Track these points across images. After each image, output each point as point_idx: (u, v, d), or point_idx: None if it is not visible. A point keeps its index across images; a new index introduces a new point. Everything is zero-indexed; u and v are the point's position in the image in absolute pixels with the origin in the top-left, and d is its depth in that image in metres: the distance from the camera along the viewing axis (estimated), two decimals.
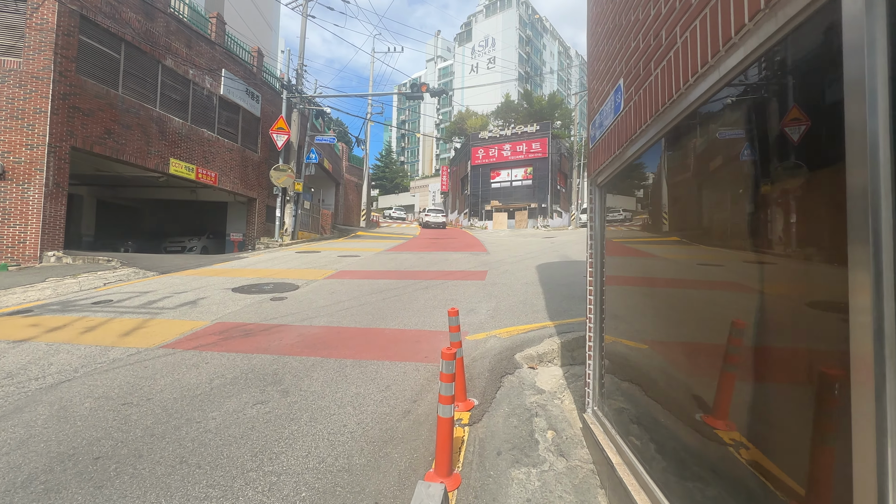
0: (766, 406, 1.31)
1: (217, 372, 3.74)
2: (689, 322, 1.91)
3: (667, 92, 1.56)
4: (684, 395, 2.01)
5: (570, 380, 3.76)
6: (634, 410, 2.57)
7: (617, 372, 2.70)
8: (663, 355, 2.29)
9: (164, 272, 9.22)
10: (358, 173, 33.50)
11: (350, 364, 3.95)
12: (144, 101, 11.76)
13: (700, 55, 1.30)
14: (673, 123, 1.60)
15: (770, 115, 1.15)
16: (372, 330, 5.05)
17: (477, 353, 4.20)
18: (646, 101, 1.79)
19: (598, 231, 2.71)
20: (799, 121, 1.03)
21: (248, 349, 4.34)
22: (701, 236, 1.61)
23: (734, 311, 1.48)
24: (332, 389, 3.41)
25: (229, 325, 5.25)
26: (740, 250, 1.34)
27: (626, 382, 2.77)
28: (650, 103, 1.74)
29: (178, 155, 12.81)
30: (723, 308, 1.59)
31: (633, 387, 2.66)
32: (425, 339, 4.67)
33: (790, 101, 1.08)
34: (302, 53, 17.35)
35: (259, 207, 16.98)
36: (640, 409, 2.49)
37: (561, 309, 5.87)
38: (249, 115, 16.38)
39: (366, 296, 6.88)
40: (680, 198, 1.73)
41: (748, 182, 1.24)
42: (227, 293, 7.05)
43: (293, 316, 5.66)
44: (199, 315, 5.68)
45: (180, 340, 4.61)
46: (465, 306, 6.15)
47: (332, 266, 10.10)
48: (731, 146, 1.32)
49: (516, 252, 13.03)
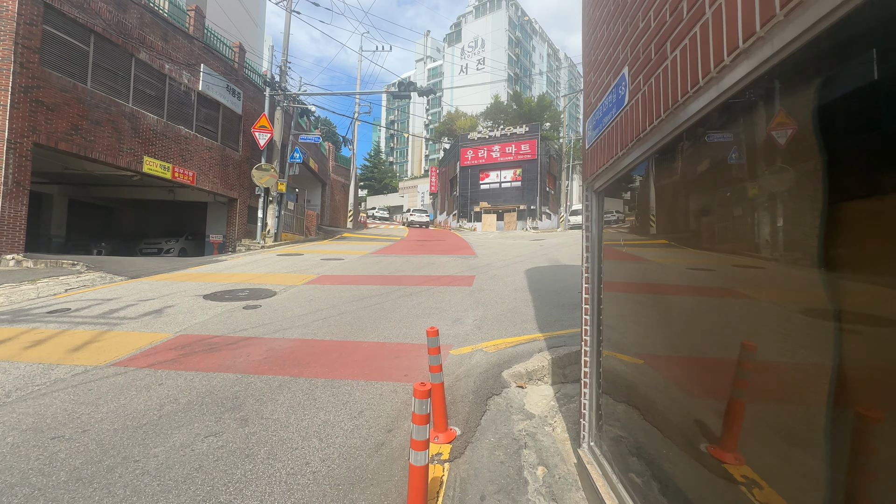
0: (780, 437, 1.10)
1: (170, 395, 3.34)
2: (691, 334, 1.66)
3: (689, 78, 1.25)
4: (687, 420, 1.75)
5: (561, 401, 3.45)
6: (633, 439, 2.27)
7: (612, 392, 2.40)
8: (662, 372, 2.03)
9: (134, 277, 8.71)
10: (345, 173, 32.94)
11: (321, 384, 3.58)
12: (116, 95, 11.17)
13: (742, 25, 0.99)
14: (695, 119, 1.29)
15: (850, 108, 0.84)
16: (349, 343, 4.69)
17: (461, 371, 3.87)
18: (658, 92, 1.48)
19: (595, 242, 2.40)
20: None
21: (209, 367, 3.94)
22: (729, 247, 1.31)
23: (745, 323, 1.25)
24: (298, 416, 3.04)
25: (193, 337, 4.83)
26: (781, 261, 1.04)
27: (622, 405, 2.46)
28: (664, 94, 1.43)
29: (152, 153, 12.23)
30: (730, 319, 1.35)
31: (630, 410, 2.36)
32: (406, 354, 4.32)
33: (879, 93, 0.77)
34: (286, 50, 16.85)
35: (240, 208, 16.42)
36: (639, 438, 2.20)
37: (551, 318, 5.57)
38: (230, 113, 15.82)
39: (346, 303, 6.50)
40: (705, 208, 1.42)
41: (816, 192, 0.93)
42: (198, 300, 6.60)
43: (265, 327, 5.26)
44: (163, 326, 5.24)
45: (135, 357, 4.19)
46: (451, 315, 5.82)
47: (313, 270, 9.68)
48: (793, 146, 1.00)
49: (505, 255, 12.75)
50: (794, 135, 0.99)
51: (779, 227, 1.07)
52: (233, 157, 16.01)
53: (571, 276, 8.88)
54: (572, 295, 6.95)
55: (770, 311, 1.14)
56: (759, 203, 1.14)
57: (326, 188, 29.23)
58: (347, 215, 30.90)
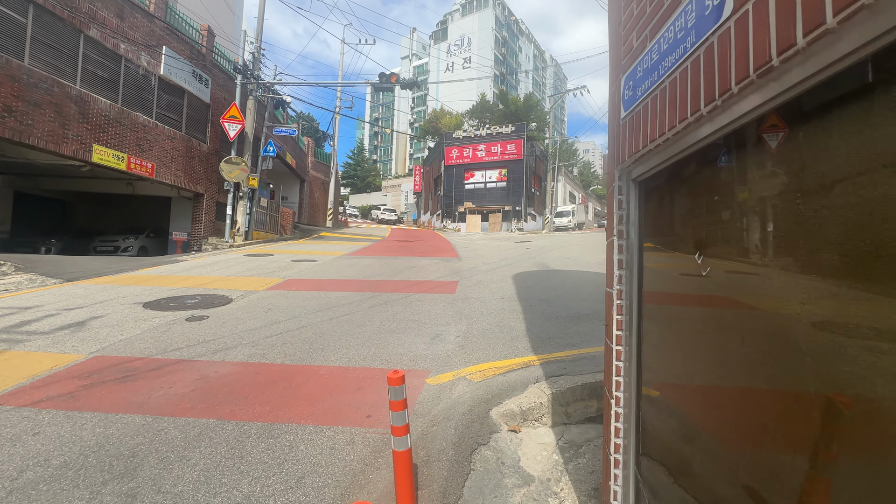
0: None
1: (42, 452, 2.45)
2: (746, 364, 1.07)
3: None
4: (738, 492, 1.10)
5: (567, 453, 2.70)
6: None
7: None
8: (698, 411, 1.31)
9: (71, 279, 7.64)
10: (326, 170, 31.74)
11: (255, 432, 2.74)
12: (60, 75, 9.98)
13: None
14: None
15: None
16: (303, 369, 3.84)
17: (439, 411, 3.08)
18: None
19: (634, 252, 1.65)
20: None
21: (113, 405, 3.05)
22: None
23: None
24: (213, 488, 2.20)
25: (110, 360, 3.91)
26: None
27: (644, 458, 1.73)
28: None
29: (104, 141, 11.05)
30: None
31: (653, 466, 1.64)
32: (372, 385, 3.51)
33: None
34: (259, 34, 15.76)
35: (207, 204, 15.25)
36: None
37: (544, 335, 4.84)
38: (197, 101, 14.65)
39: (310, 314, 5.63)
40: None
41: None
42: (135, 310, 5.64)
43: (205, 345, 4.37)
44: (77, 344, 4.30)
45: (21, 390, 3.26)
46: (430, 330, 5.03)
47: (280, 273, 8.75)
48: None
49: (490, 258, 12.03)
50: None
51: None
52: (199, 149, 14.83)
53: (562, 282, 8.20)
54: (565, 304, 6.24)
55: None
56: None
57: (305, 185, 28.03)
58: (327, 214, 29.76)
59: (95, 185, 14.73)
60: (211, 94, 15.27)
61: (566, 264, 10.78)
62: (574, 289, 7.50)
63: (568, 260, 11.68)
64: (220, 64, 16.16)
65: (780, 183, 0.98)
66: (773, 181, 1.01)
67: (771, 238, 1.02)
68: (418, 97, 74.64)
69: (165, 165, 13.15)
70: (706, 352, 1.29)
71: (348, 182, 67.99)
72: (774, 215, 1.00)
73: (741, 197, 1.10)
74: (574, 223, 33.62)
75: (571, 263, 10.94)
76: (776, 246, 1.01)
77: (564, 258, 12.11)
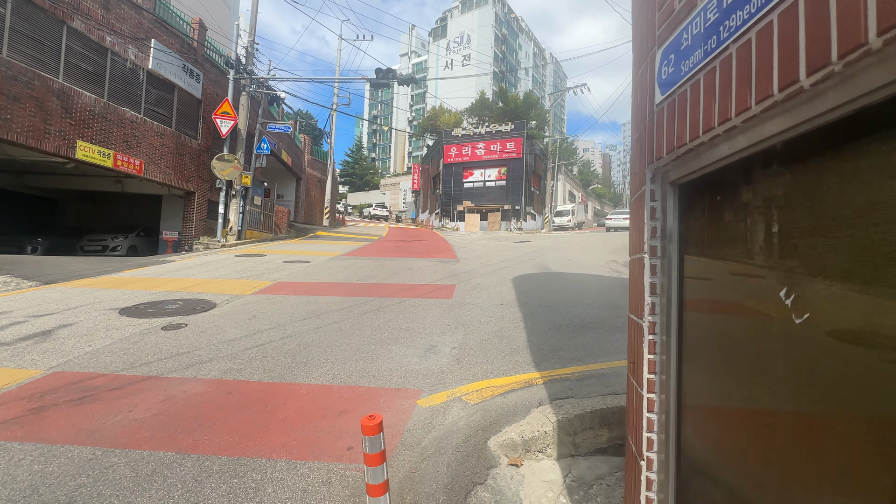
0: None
1: None
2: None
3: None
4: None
5: (576, 497, 2.35)
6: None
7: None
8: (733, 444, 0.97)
9: (49, 282, 7.26)
10: (323, 168, 31.31)
11: (219, 469, 2.38)
12: (41, 68, 9.58)
13: None
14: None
15: None
16: (282, 387, 3.48)
17: (430, 441, 2.72)
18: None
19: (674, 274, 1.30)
20: None
21: (61, 433, 2.68)
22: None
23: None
24: None
25: (70, 377, 3.55)
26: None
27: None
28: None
29: (88, 137, 10.65)
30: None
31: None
32: (357, 407, 3.15)
33: None
34: (253, 27, 15.34)
35: (199, 202, 14.86)
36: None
37: (547, 347, 4.49)
38: (188, 96, 14.24)
39: (296, 322, 5.28)
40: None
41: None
42: (109, 316, 5.27)
43: (178, 359, 4.01)
44: (38, 357, 3.93)
45: None
46: (424, 341, 4.68)
47: (270, 275, 8.38)
48: None
49: (489, 259, 11.67)
50: None
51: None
52: (190, 146, 14.43)
53: (563, 286, 7.85)
54: (568, 311, 5.89)
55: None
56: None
57: (301, 183, 27.62)
58: (324, 212, 29.35)
59: (83, 183, 14.31)
60: (202, 90, 14.86)
61: (567, 266, 10.43)
62: (576, 294, 7.15)
63: (569, 262, 11.33)
64: (213, 58, 15.74)
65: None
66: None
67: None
68: (417, 95, 74.16)
69: (154, 163, 12.75)
70: (786, 419, 0.93)
71: (346, 180, 67.54)
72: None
73: (868, 215, 0.74)
74: (574, 222, 33.31)
75: (573, 266, 10.59)
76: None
77: (565, 260, 11.76)
